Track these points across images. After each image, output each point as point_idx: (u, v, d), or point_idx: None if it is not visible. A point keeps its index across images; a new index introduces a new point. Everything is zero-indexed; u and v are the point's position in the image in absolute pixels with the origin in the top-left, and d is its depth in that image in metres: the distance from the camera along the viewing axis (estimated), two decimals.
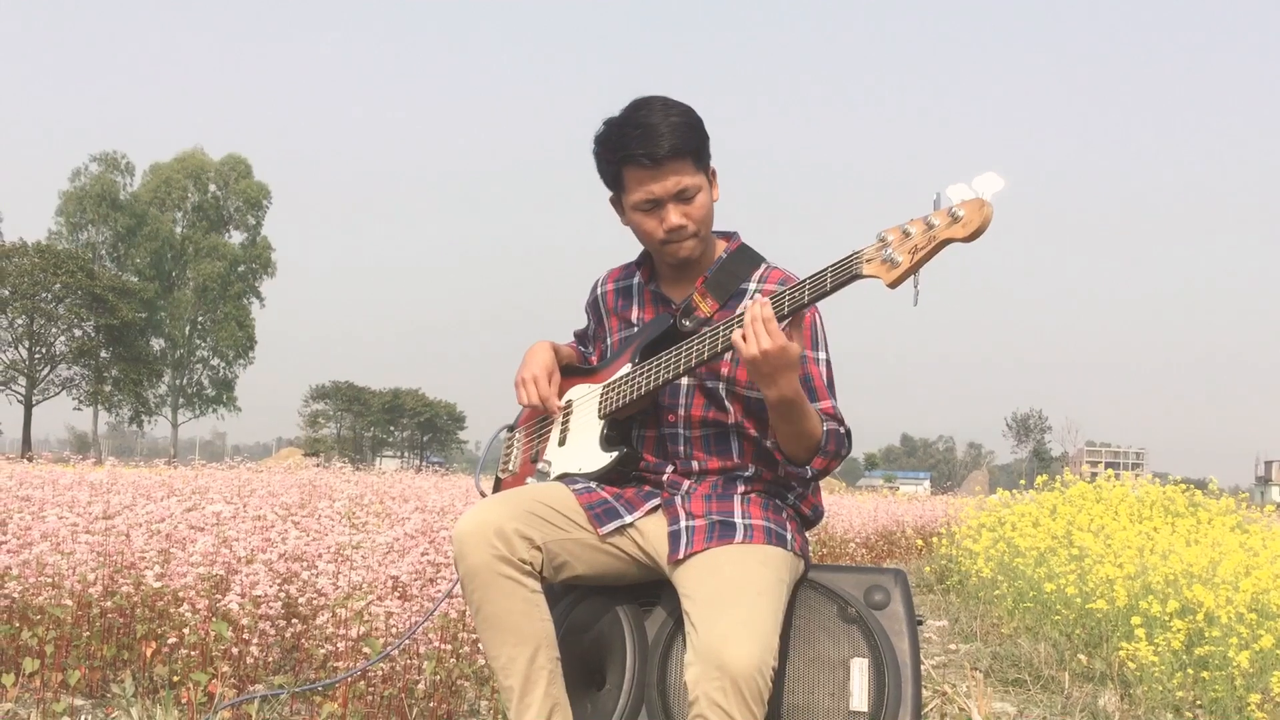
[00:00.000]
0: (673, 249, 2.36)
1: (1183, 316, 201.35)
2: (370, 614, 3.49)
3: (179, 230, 64.05)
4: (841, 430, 2.31)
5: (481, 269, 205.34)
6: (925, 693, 4.38)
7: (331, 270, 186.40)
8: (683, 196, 2.30)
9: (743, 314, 2.17)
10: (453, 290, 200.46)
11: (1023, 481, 13.04)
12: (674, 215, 2.31)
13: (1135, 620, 5.10)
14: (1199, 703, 4.47)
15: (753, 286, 2.39)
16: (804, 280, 2.11)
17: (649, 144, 2.26)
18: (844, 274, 2.06)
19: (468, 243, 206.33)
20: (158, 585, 3.70)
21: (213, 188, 64.78)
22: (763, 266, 2.42)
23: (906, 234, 1.99)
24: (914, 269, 1.98)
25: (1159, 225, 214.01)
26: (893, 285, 2.00)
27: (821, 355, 2.37)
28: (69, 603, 3.69)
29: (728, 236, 2.48)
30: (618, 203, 2.41)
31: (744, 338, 2.12)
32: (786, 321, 2.14)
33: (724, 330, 2.22)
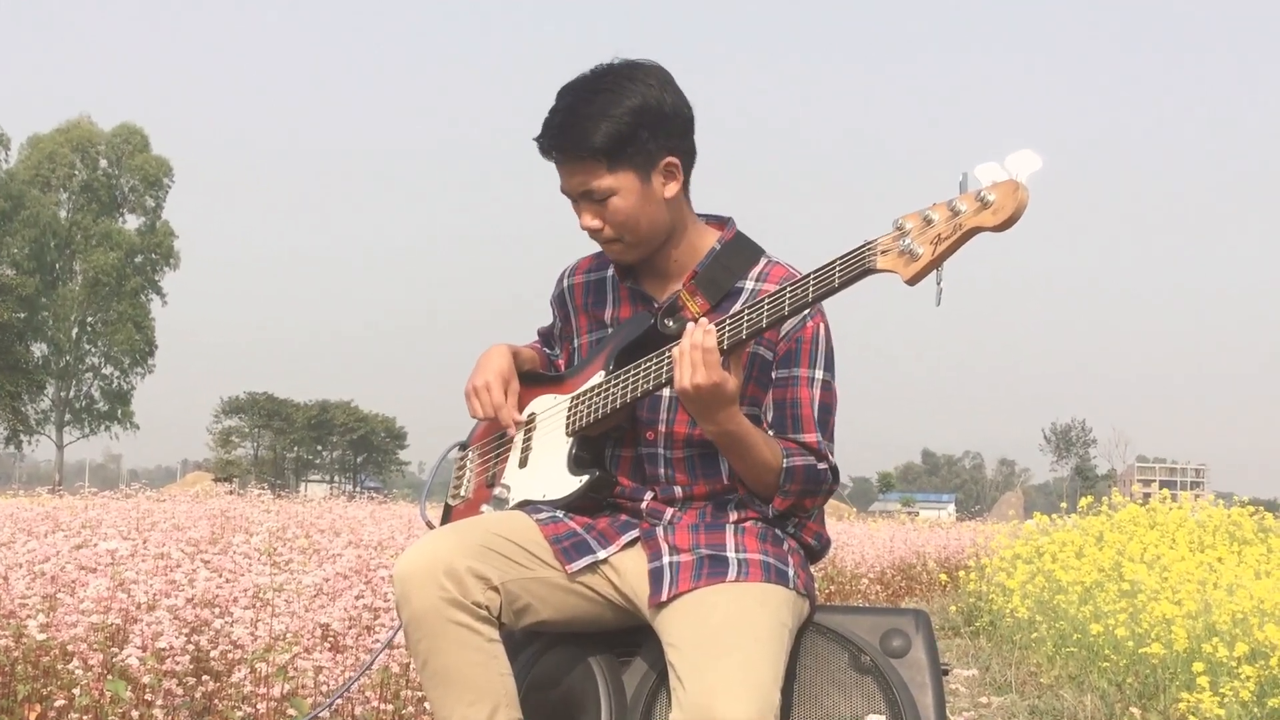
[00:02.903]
0: (604, 249, 2.44)
1: (1250, 314, 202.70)
2: (296, 669, 3.48)
3: (64, 214, 63.64)
4: (820, 466, 2.33)
5: (428, 260, 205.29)
6: None
7: (246, 261, 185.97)
8: (590, 198, 2.35)
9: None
10: (392, 286, 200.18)
11: (1064, 504, 13.15)
12: (585, 216, 2.37)
13: (1198, 666, 5.15)
14: None
15: (750, 285, 2.40)
16: (807, 276, 2.12)
17: (557, 136, 2.33)
18: (854, 268, 2.06)
19: (411, 230, 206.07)
20: (42, 637, 3.68)
21: (103, 163, 64.41)
22: (762, 261, 2.43)
23: (928, 221, 2.00)
24: (937, 262, 1.99)
25: (1223, 210, 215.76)
26: (912, 281, 2.00)
27: (818, 374, 2.38)
28: None
29: (721, 223, 2.48)
30: None
31: (679, 366, 2.17)
32: (726, 353, 2.18)
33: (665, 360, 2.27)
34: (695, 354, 2.16)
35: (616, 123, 2.30)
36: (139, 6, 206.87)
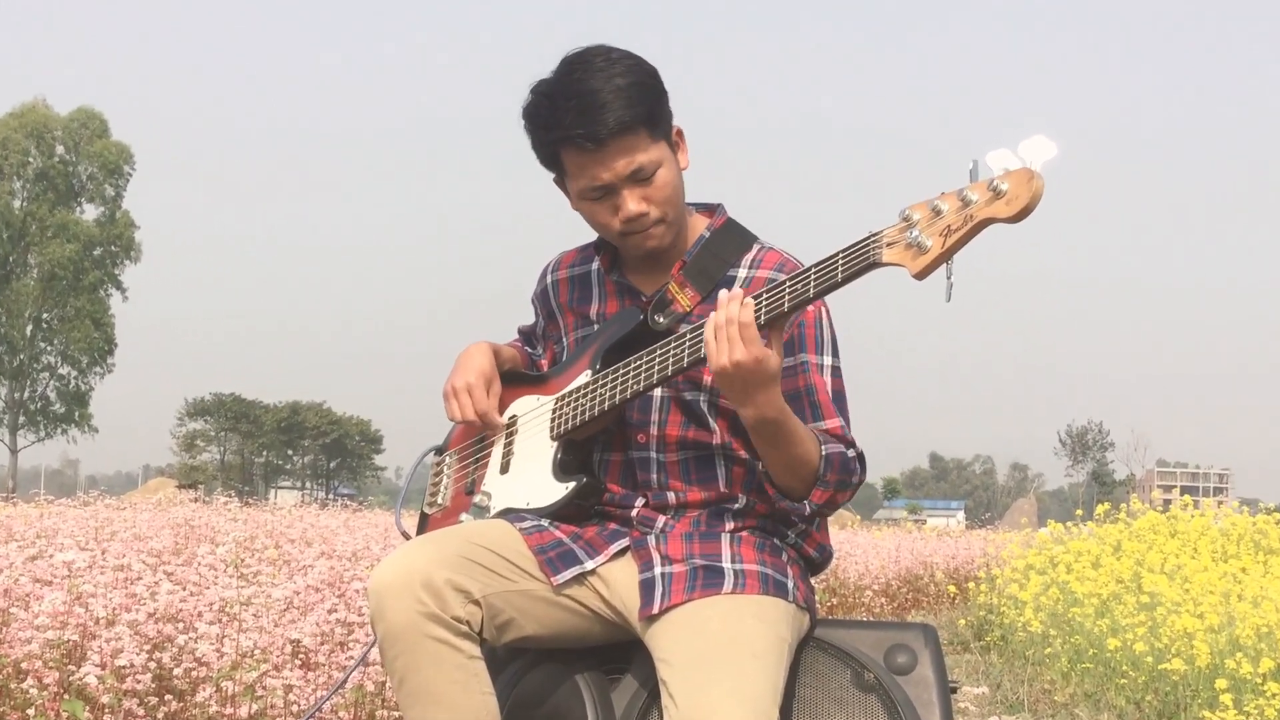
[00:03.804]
0: (635, 241, 2.37)
1: (1277, 312, 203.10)
2: (265, 687, 3.48)
3: (17, 204, 63.52)
4: (850, 454, 2.31)
5: (405, 254, 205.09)
6: None
7: (212, 255, 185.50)
8: (638, 177, 2.31)
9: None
10: (367, 281, 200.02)
11: (1080, 511, 13.18)
12: (631, 202, 2.32)
13: (1221, 683, 5.16)
14: None
15: (743, 273, 2.40)
16: (809, 268, 2.12)
17: (588, 120, 2.26)
18: (859, 261, 2.06)
19: (389, 223, 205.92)
20: None
21: (60, 150, 64.27)
22: (755, 248, 2.44)
23: (937, 212, 2.00)
24: (947, 255, 1.99)
25: (1253, 203, 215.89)
26: (920, 275, 2.00)
27: (827, 361, 2.38)
28: None
29: (710, 210, 2.49)
30: (562, 185, 2.42)
31: (714, 342, 2.14)
32: (764, 328, 2.15)
33: (692, 334, 2.24)
34: (731, 329, 2.13)
35: (645, 88, 2.31)
36: None
